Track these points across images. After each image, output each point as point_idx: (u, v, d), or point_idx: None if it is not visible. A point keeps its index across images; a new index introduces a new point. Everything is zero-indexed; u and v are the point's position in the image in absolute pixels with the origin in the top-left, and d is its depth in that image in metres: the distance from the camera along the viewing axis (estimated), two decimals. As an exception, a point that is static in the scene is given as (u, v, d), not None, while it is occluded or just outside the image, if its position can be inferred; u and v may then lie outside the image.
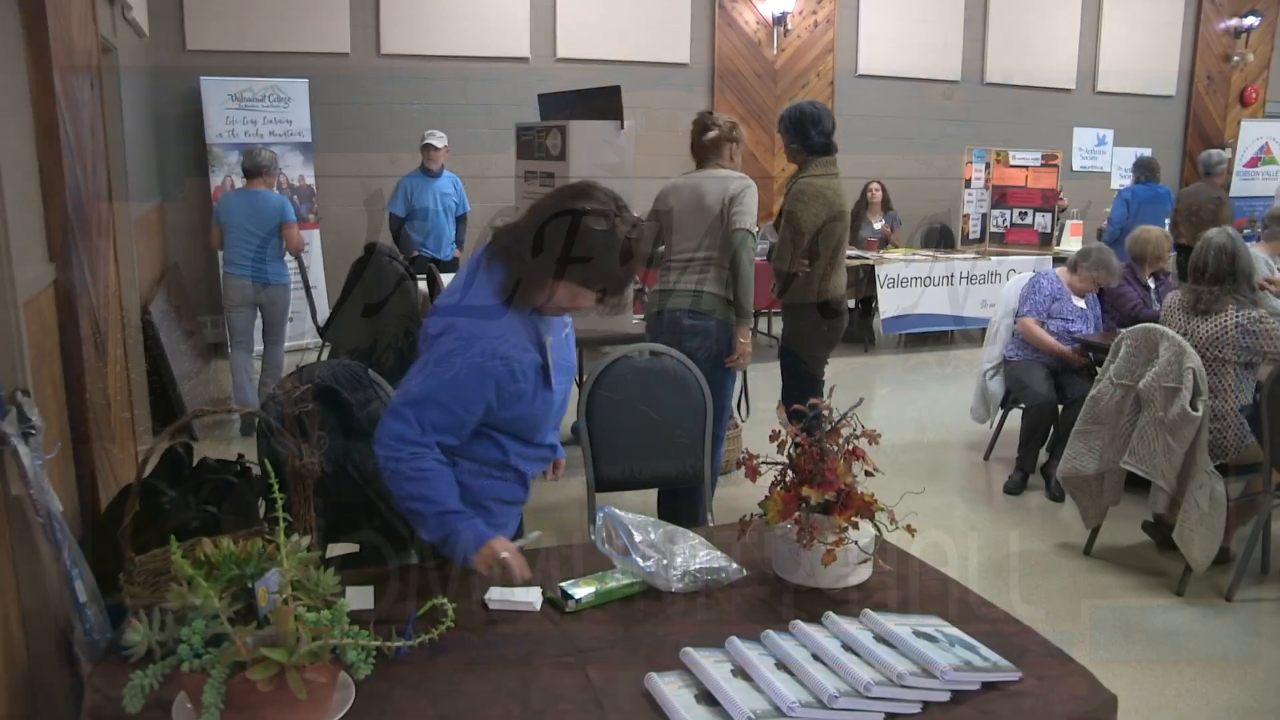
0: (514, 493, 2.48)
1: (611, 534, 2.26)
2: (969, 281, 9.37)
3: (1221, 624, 4.09)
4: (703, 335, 4.34)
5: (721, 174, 4.46)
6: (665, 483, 3.62)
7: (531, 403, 2.35)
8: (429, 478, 2.21)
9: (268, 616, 1.66)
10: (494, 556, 2.14)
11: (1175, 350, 4.18)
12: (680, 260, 4.47)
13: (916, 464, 6.01)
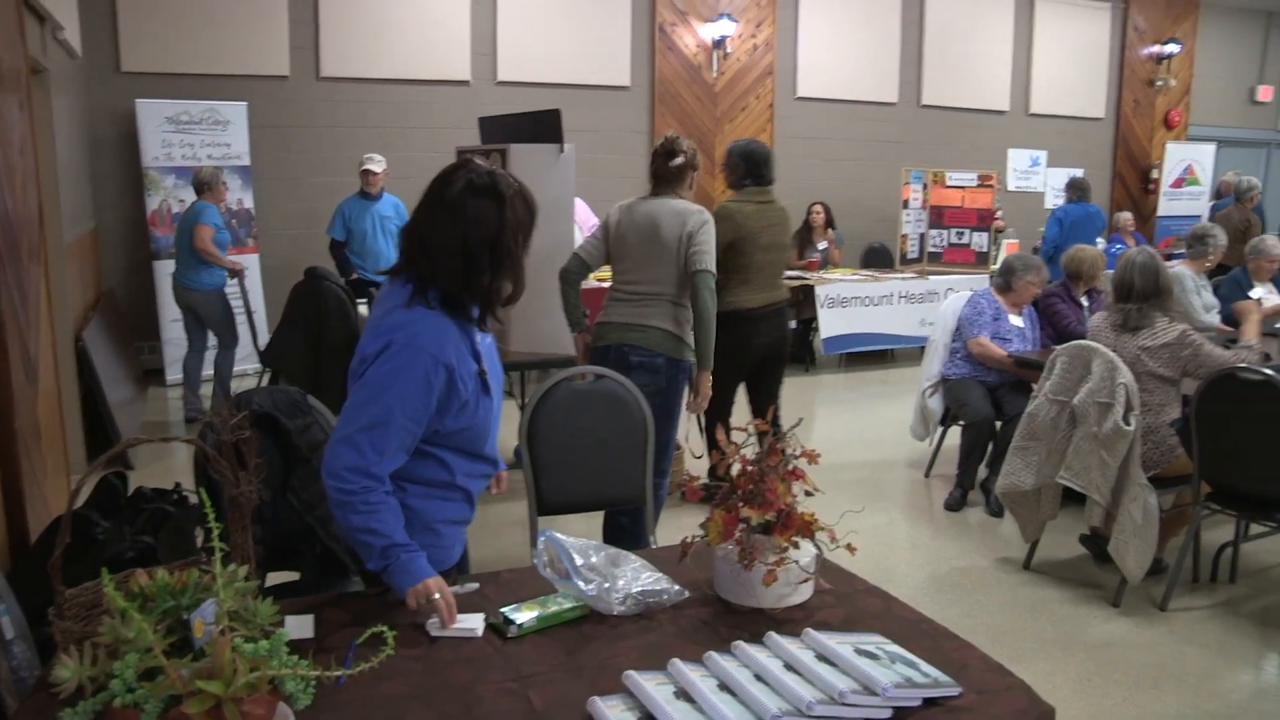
0: (461, 512, 2.46)
1: (553, 558, 2.25)
2: (908, 301, 9.49)
3: (1156, 633, 4.17)
4: (650, 372, 4.22)
5: (680, 206, 4.34)
6: (608, 505, 3.62)
7: (474, 412, 2.32)
8: (378, 511, 2.17)
9: (204, 648, 1.63)
10: (427, 595, 2.12)
11: (1108, 366, 4.27)
12: (629, 292, 4.35)
13: (858, 482, 6.07)
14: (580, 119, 9.62)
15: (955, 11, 12.05)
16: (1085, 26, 13.16)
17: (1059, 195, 12.19)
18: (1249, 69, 14.92)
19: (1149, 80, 13.74)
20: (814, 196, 10.33)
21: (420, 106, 9.31)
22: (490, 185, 2.22)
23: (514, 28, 9.59)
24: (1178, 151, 13.33)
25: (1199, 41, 14.11)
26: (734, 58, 10.59)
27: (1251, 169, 14.40)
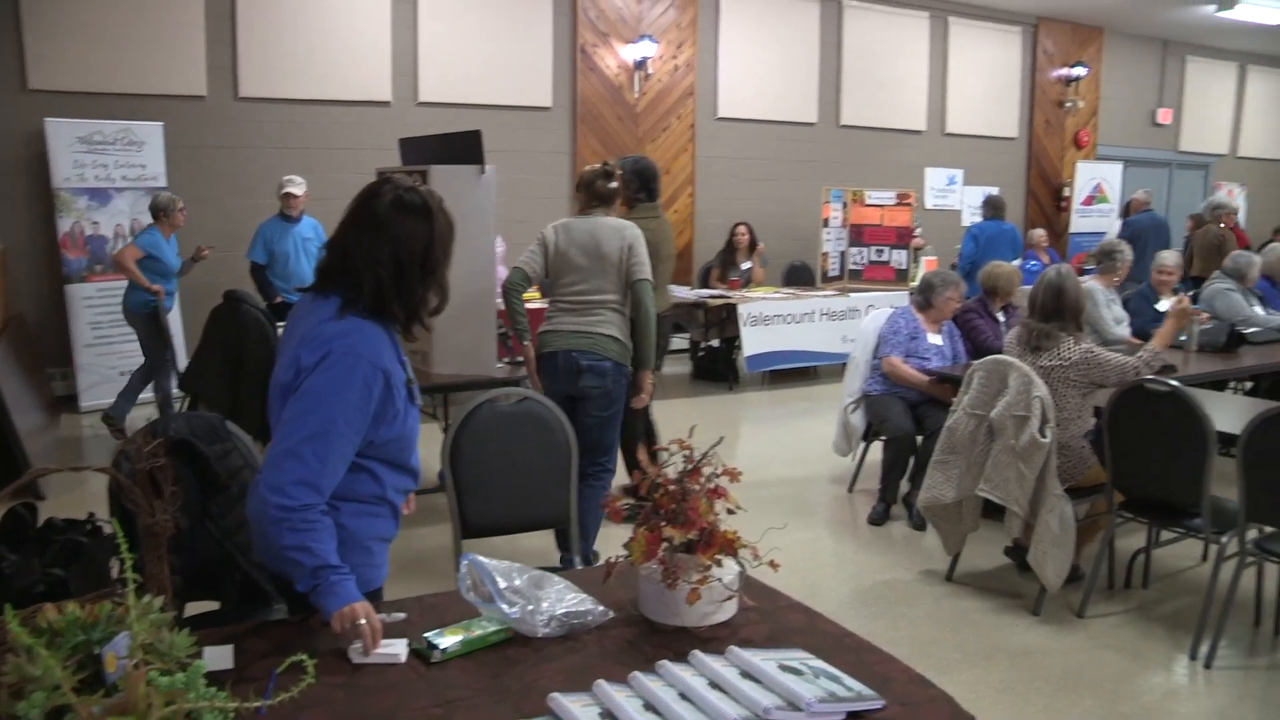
0: (389, 529, 2.46)
1: (476, 581, 2.24)
2: (829, 318, 9.61)
3: (1075, 639, 4.27)
4: (599, 375, 4.52)
5: (616, 222, 4.65)
6: (532, 527, 3.61)
7: (405, 421, 2.35)
8: (314, 529, 2.15)
9: (117, 684, 1.59)
10: (353, 619, 2.10)
11: (1024, 380, 4.36)
12: (573, 302, 4.60)
13: (783, 499, 6.12)
14: (502, 140, 9.61)
15: (872, 34, 12.28)
16: (997, 49, 13.50)
17: (975, 213, 12.47)
18: (1150, 92, 15.43)
19: (1058, 102, 14.13)
20: (736, 216, 10.44)
21: (341, 127, 9.23)
22: (417, 199, 2.30)
23: (435, 48, 9.56)
24: (1087, 170, 13.75)
25: (1104, 65, 14.57)
26: (655, 79, 10.66)
27: (1155, 187, 14.89)
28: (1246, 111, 16.90)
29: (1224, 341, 6.51)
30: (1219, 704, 3.81)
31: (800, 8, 11.69)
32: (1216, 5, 12.87)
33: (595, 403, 4.55)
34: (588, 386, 4.51)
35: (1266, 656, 4.21)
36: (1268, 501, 3.94)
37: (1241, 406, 5.00)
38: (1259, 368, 6.64)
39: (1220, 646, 4.13)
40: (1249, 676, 4.03)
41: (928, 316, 5.89)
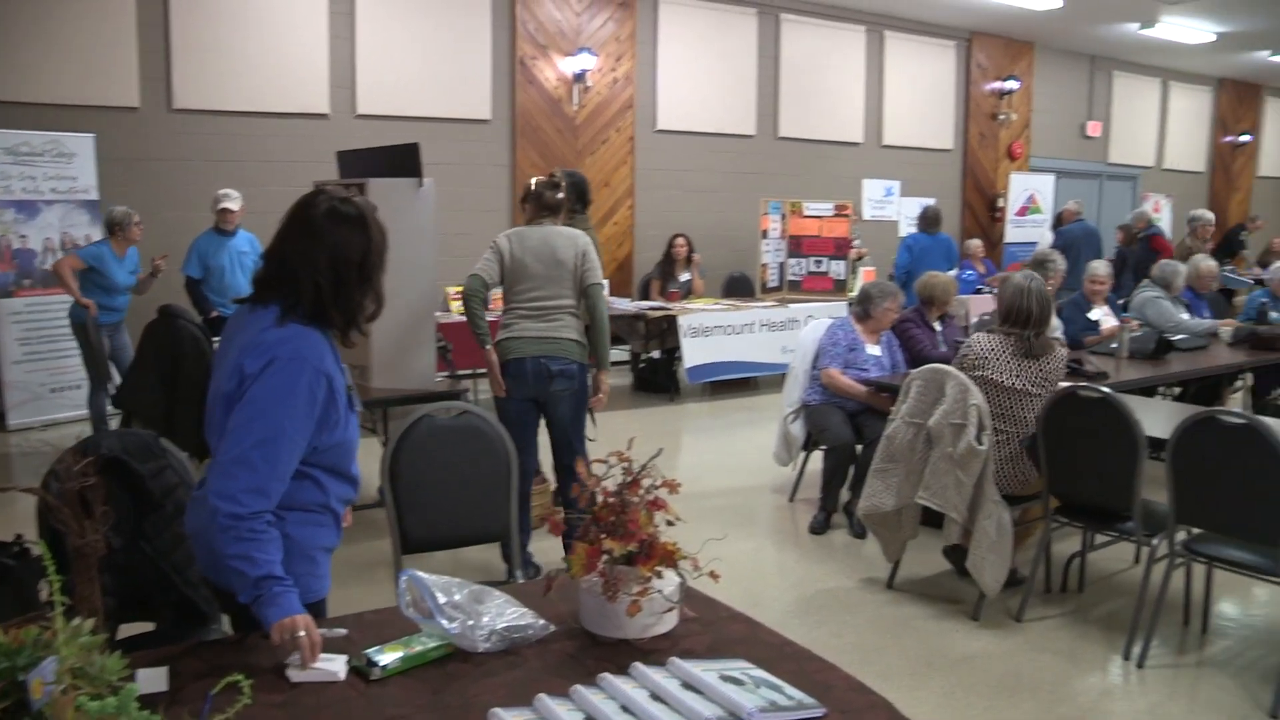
0: (332, 538, 2.46)
1: (416, 597, 2.23)
2: (769, 329, 9.68)
3: (1013, 644, 4.33)
4: (568, 378, 4.76)
5: (568, 231, 4.89)
6: (474, 541, 3.59)
7: (346, 427, 2.37)
8: (261, 539, 2.16)
9: (43, 710, 1.56)
10: (293, 630, 2.08)
11: (960, 388, 4.43)
12: (535, 308, 4.77)
13: (724, 509, 6.14)
14: (441, 152, 9.55)
15: (810, 47, 12.40)
16: (932, 63, 13.70)
17: (912, 224, 12.63)
18: (1079, 106, 15.77)
19: (992, 114, 14.37)
20: (675, 228, 10.48)
21: (277, 140, 9.13)
22: (353, 210, 2.35)
23: (373, 61, 9.49)
24: (1021, 181, 14.00)
25: (1035, 79, 14.85)
26: (594, 91, 10.68)
27: (1086, 198, 15.21)
28: (1170, 125, 17.34)
29: (1153, 349, 6.67)
30: (1151, 702, 3.89)
31: (738, 21, 11.78)
32: (1139, 23, 13.18)
33: (566, 403, 4.80)
34: (559, 390, 4.75)
35: (1195, 654, 4.31)
36: (1195, 504, 4.03)
37: (1170, 411, 5.11)
38: (1186, 373, 6.81)
39: (1152, 646, 4.22)
40: (1178, 674, 4.13)
41: (866, 327, 5.95)
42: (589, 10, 10.60)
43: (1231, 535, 4.05)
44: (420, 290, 5.20)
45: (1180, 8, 12.39)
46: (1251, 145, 18.66)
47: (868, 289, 6.05)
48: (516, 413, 4.77)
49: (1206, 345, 7.33)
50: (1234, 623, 4.68)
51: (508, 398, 4.79)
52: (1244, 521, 3.91)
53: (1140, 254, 12.51)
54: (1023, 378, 4.57)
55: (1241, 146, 18.46)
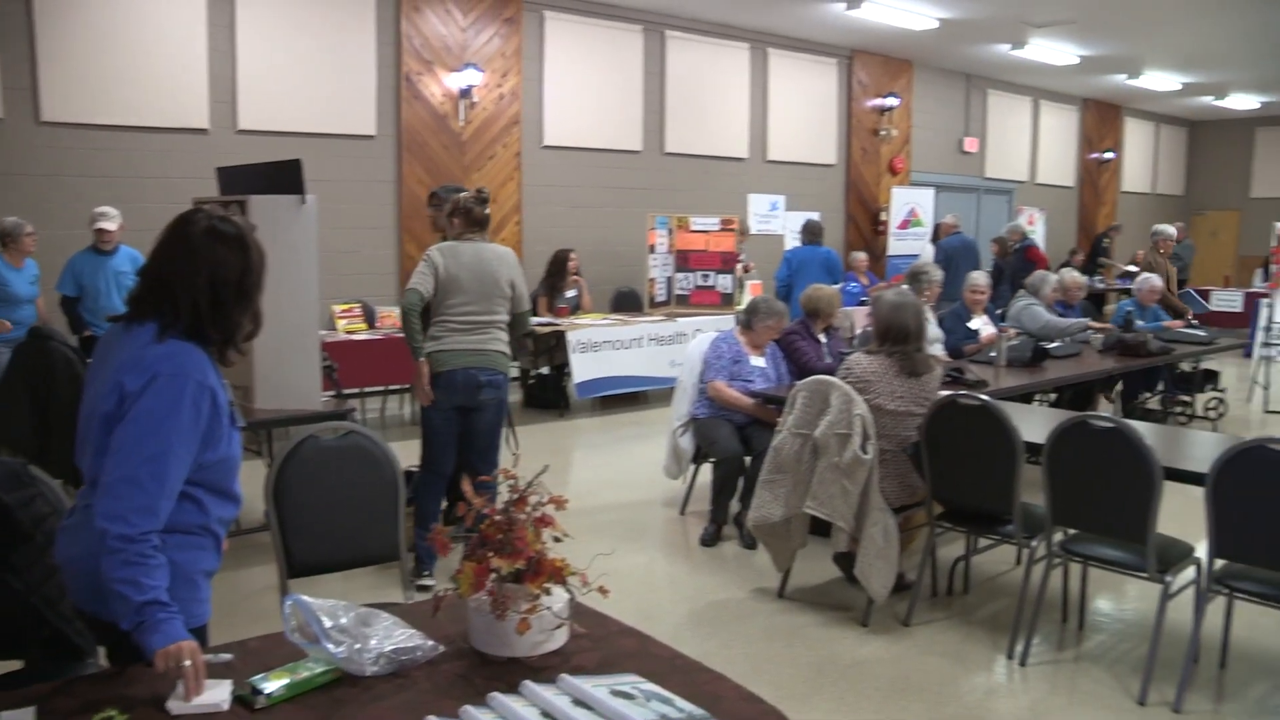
0: (213, 562, 2.41)
1: (301, 622, 2.18)
2: (657, 343, 9.74)
3: (902, 648, 4.42)
4: (496, 387, 5.03)
5: (498, 249, 5.11)
6: (362, 563, 3.53)
7: (230, 443, 2.35)
8: (148, 563, 2.12)
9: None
10: (178, 657, 2.03)
11: (845, 399, 4.51)
12: (466, 322, 4.96)
13: (616, 523, 6.15)
14: (325, 168, 9.42)
15: (695, 63, 12.54)
16: (815, 79, 13.97)
17: (797, 237, 12.84)
18: (957, 122, 16.26)
19: (874, 130, 14.72)
20: (562, 243, 10.48)
21: (155, 155, 8.85)
22: (232, 229, 2.34)
23: (255, 75, 9.29)
24: (902, 195, 14.38)
25: (914, 96, 15.28)
26: (481, 107, 10.64)
27: (964, 211, 15.70)
28: (1041, 142, 18.01)
29: (1030, 357, 6.89)
30: (1033, 698, 4.01)
31: (624, 38, 11.86)
32: (1010, 44, 13.66)
33: (492, 411, 5.06)
34: (486, 399, 4.99)
35: (1073, 649, 4.47)
36: (1069, 505, 4.18)
37: (1046, 417, 5.28)
38: (1061, 380, 7.05)
39: (1033, 644, 4.36)
40: (1058, 669, 4.27)
41: (749, 340, 6.03)
42: (475, 26, 10.56)
43: (1103, 534, 4.21)
44: (303, 309, 5.11)
45: (1047, 31, 12.88)
46: (1115, 162, 19.52)
47: (756, 303, 6.14)
48: (441, 422, 5.00)
49: (1080, 352, 7.61)
50: (1108, 618, 4.86)
51: (435, 407, 4.97)
52: (1114, 521, 4.07)
53: (1016, 265, 12.97)
54: (905, 399, 4.68)
55: (1106, 163, 19.30)
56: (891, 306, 4.76)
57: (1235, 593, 3.90)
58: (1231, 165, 21.33)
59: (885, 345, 4.75)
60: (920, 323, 4.78)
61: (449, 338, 4.95)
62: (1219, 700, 4.01)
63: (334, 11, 9.71)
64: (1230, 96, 18.21)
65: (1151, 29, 12.78)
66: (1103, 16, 12.03)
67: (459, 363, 4.93)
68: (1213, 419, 9.35)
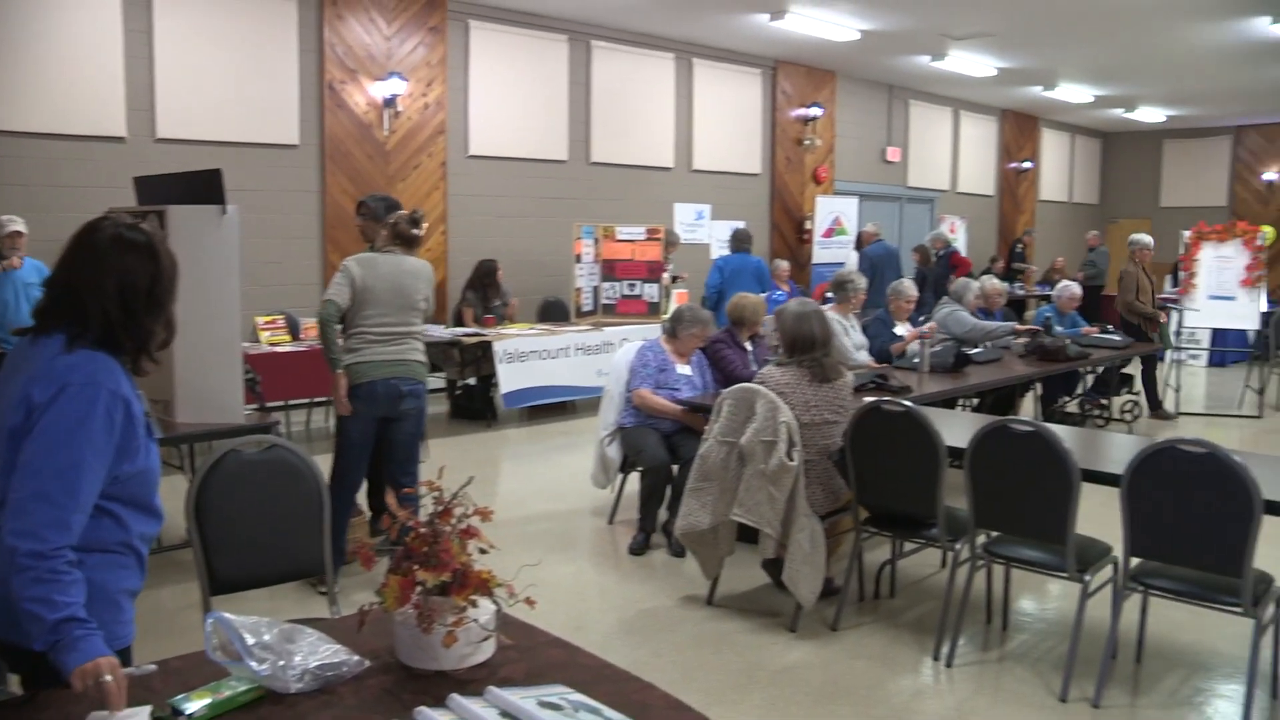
0: (136, 581, 2.35)
1: (224, 640, 2.15)
2: (584, 352, 9.73)
3: (830, 652, 4.46)
4: (416, 397, 5.10)
5: (415, 262, 5.14)
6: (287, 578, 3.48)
7: (148, 455, 2.29)
8: (62, 580, 2.04)
9: None
10: (97, 675, 1.97)
11: (770, 406, 4.55)
12: (383, 334, 4.99)
13: (545, 534, 6.13)
14: (246, 178, 9.28)
15: (620, 73, 12.57)
16: (740, 89, 14.09)
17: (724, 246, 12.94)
18: (879, 132, 16.51)
19: (798, 140, 14.88)
20: (488, 253, 10.44)
21: (69, 164, 8.63)
22: (140, 236, 2.30)
23: (174, 82, 9.11)
24: (826, 204, 14.55)
25: (837, 106, 15.47)
26: (405, 116, 10.56)
27: (888, 219, 15.95)
28: (962, 152, 18.36)
29: (952, 362, 7.01)
30: (959, 698, 4.08)
31: (549, 47, 11.85)
32: (930, 56, 13.91)
33: (413, 420, 5.12)
34: (407, 409, 5.05)
35: (997, 649, 4.55)
36: (991, 508, 4.26)
37: (968, 422, 5.36)
38: (983, 385, 7.18)
39: (959, 645, 4.44)
40: (984, 670, 4.34)
41: (675, 348, 6.06)
42: (399, 35, 10.48)
43: (1025, 536, 4.30)
44: (225, 320, 5.02)
45: (966, 43, 13.13)
46: (1033, 171, 19.97)
47: (680, 311, 6.17)
48: (360, 433, 5.04)
49: (1001, 358, 7.76)
50: (1030, 617, 4.95)
51: (355, 418, 5.00)
52: (1035, 523, 4.16)
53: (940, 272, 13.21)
54: (820, 407, 4.73)
55: (1024, 172, 19.73)
56: (795, 317, 4.84)
57: (1150, 590, 4.01)
58: (1142, 175, 21.96)
59: (795, 356, 4.81)
60: (825, 329, 4.84)
61: (367, 349, 4.98)
62: (1135, 694, 4.12)
63: (255, 19, 9.57)
64: (1139, 109, 18.75)
65: (1065, 43, 13.11)
66: (1019, 30, 12.30)
67: (379, 373, 4.96)
68: (1129, 421, 9.59)
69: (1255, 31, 11.94)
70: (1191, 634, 4.68)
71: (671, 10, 11.49)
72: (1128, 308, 10.01)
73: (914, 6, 11.20)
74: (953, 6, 11.27)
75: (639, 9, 11.39)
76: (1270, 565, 3.90)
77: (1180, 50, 13.16)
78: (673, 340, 6.07)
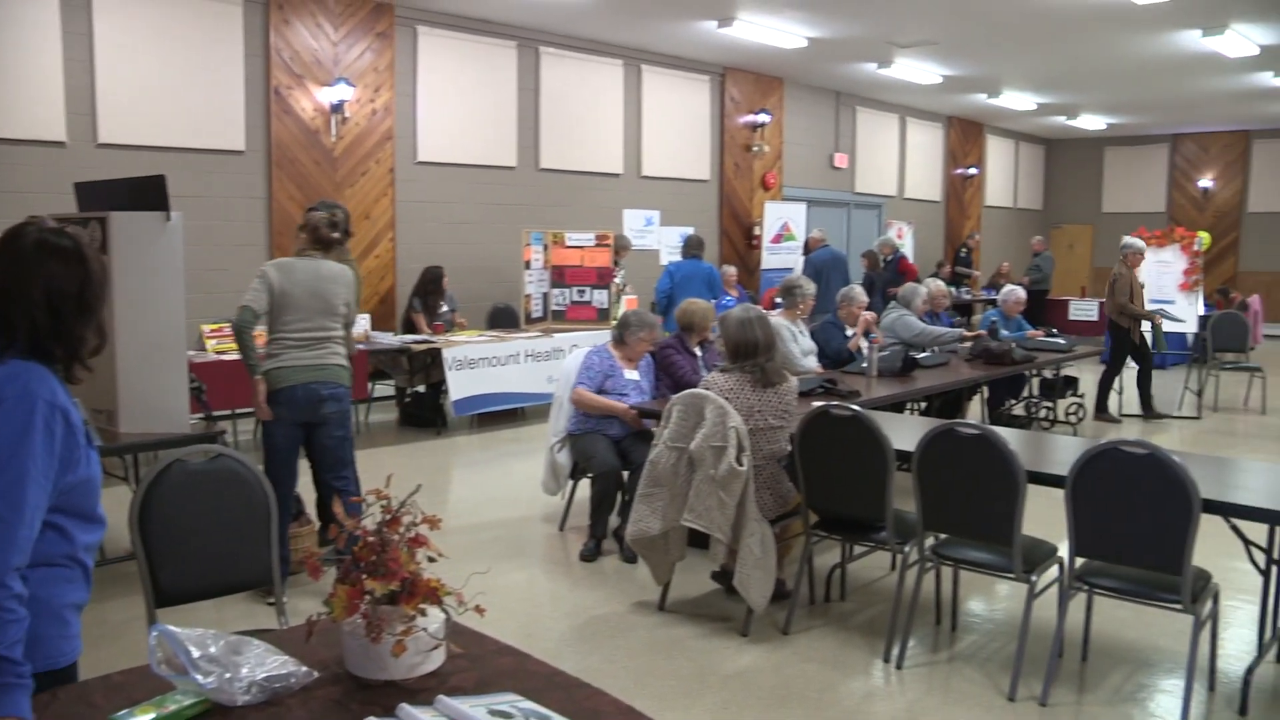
0: (82, 594, 2.30)
1: (168, 653, 2.11)
2: (534, 359, 9.72)
3: (782, 656, 4.48)
4: (338, 400, 5.06)
5: (335, 266, 5.11)
6: (235, 589, 3.44)
7: (89, 463, 2.23)
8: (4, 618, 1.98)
9: None
10: None
11: (719, 412, 4.56)
12: (303, 338, 4.96)
13: (496, 541, 6.11)
14: (191, 185, 9.17)
15: (569, 80, 12.57)
16: (688, 96, 14.14)
17: (673, 252, 12.99)
18: (827, 138, 16.65)
19: (746, 146, 14.96)
20: (437, 260, 10.40)
21: (7, 169, 8.47)
22: (67, 241, 2.25)
23: (116, 87, 8.97)
24: (775, 210, 14.64)
25: (785, 113, 15.58)
26: (353, 122, 10.48)
27: (836, 225, 16.08)
28: (909, 158, 18.57)
29: (900, 367, 7.07)
30: (909, 699, 4.11)
31: (498, 53, 11.83)
32: (877, 63, 14.05)
33: (336, 424, 5.08)
34: (329, 413, 5.02)
35: (947, 650, 4.59)
36: (939, 510, 4.31)
37: (916, 425, 5.41)
38: (930, 389, 7.26)
39: (909, 647, 4.48)
40: (933, 671, 4.38)
41: (623, 353, 6.06)
42: (346, 40, 10.40)
43: (972, 538, 4.35)
44: (170, 329, 4.95)
45: (911, 51, 13.28)
46: (978, 177, 20.24)
47: (627, 316, 6.17)
48: (284, 438, 5.01)
49: (948, 361, 7.85)
50: (979, 618, 5.01)
51: (277, 423, 4.97)
52: (982, 525, 4.21)
53: (888, 277, 13.35)
54: (764, 412, 4.76)
55: (970, 178, 19.99)
56: (738, 323, 4.86)
57: (1094, 589, 4.07)
58: (1085, 181, 22.36)
59: (737, 361, 4.84)
60: (768, 334, 4.87)
61: (286, 354, 4.96)
62: (1081, 691, 4.18)
63: (199, 22, 9.45)
64: (1081, 117, 19.08)
65: (1008, 52, 13.31)
66: (963, 39, 12.47)
67: (299, 378, 4.94)
68: (1073, 423, 9.73)
69: (1187, 44, 12.23)
70: (1135, 631, 4.76)
71: (620, 17, 11.51)
72: (1120, 310, 10.07)
73: (860, 15, 11.31)
74: (898, 15, 11.39)
75: (588, 15, 11.40)
76: (1208, 563, 3.97)
77: (1118, 60, 13.42)
78: (620, 346, 6.07)
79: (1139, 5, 10.27)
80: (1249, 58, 12.78)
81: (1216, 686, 4.19)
